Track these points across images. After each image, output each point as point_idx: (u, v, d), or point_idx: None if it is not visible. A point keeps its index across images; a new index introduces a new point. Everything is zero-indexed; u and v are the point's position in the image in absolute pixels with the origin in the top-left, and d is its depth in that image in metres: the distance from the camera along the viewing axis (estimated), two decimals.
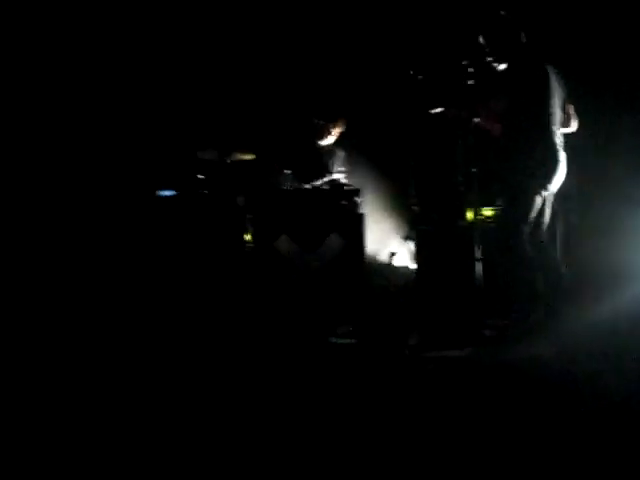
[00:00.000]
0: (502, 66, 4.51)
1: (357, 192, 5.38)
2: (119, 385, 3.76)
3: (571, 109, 4.61)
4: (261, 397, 3.54)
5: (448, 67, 4.88)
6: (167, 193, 5.31)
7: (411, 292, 5.02)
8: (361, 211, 5.36)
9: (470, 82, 4.69)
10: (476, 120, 4.69)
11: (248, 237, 5.21)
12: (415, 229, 5.12)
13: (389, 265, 5.36)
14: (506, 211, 4.59)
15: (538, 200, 4.44)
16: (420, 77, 4.83)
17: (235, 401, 3.48)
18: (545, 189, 4.42)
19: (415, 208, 5.27)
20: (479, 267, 4.61)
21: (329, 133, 5.81)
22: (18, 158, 5.71)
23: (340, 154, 5.96)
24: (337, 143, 5.93)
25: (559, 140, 4.48)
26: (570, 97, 4.58)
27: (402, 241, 5.35)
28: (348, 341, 4.67)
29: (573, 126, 4.63)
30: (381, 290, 5.25)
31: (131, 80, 6.00)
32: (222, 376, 3.92)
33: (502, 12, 4.55)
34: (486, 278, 4.60)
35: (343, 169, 5.77)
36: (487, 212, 4.89)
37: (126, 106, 5.96)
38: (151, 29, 5.95)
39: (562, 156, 4.46)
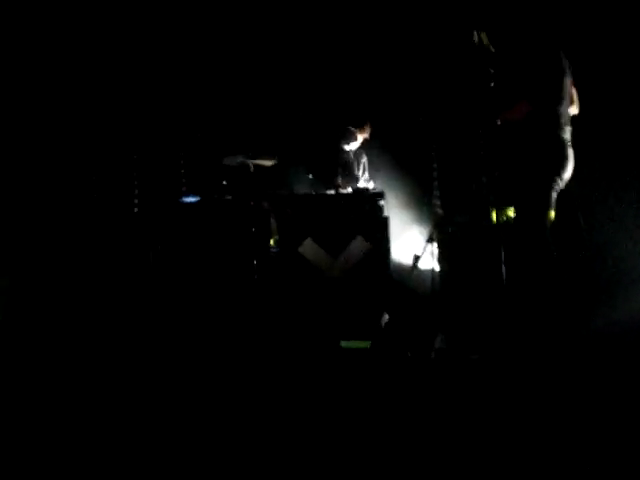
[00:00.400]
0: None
1: (381, 195, 5.37)
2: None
3: (574, 92, 4.52)
4: (282, 401, 3.56)
5: (467, 71, 4.84)
6: (191, 199, 5.36)
7: (436, 295, 4.99)
8: (385, 214, 5.35)
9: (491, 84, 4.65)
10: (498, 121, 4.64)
11: (272, 241, 5.25)
12: (439, 231, 5.09)
13: (413, 268, 5.34)
14: (526, 210, 4.53)
15: (554, 196, 4.39)
16: (440, 81, 4.81)
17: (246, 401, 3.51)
18: (557, 185, 4.37)
19: (439, 210, 5.24)
20: (504, 269, 4.57)
21: (354, 138, 5.81)
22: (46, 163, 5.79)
23: (364, 158, 5.96)
24: (361, 147, 5.92)
25: (568, 135, 4.42)
26: (574, 80, 4.49)
27: (426, 243, 5.32)
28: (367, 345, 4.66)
29: (574, 110, 4.54)
30: (406, 293, 5.22)
31: (155, 88, 6.06)
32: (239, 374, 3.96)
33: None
34: (511, 279, 4.55)
35: (367, 173, 5.77)
36: (512, 212, 4.83)
37: (152, 114, 6.01)
38: (176, 36, 6.00)
39: (571, 152, 4.40)
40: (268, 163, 5.45)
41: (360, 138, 5.85)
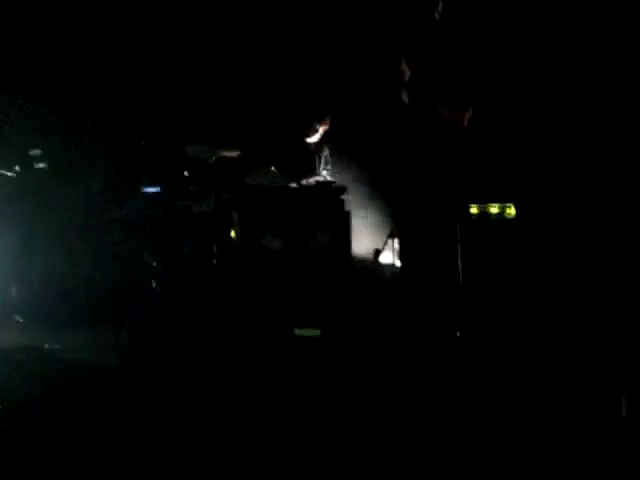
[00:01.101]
0: None
1: (343, 190, 5.39)
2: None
3: None
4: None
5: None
6: (152, 189, 5.30)
7: (396, 289, 5.03)
8: (347, 209, 5.37)
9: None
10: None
11: (232, 233, 5.21)
12: (400, 226, 5.13)
13: (375, 263, 5.37)
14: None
15: None
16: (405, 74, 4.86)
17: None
18: None
19: (401, 205, 5.27)
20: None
21: (315, 131, 5.81)
22: None
23: (326, 152, 5.95)
24: (323, 141, 5.91)
25: None
26: None
27: (387, 238, 5.36)
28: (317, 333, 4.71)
29: None
30: (367, 287, 5.26)
31: (120, 75, 5.97)
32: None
33: None
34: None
35: (329, 167, 5.76)
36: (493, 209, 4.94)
37: (115, 100, 5.93)
38: (143, 25, 5.92)
39: None
40: (231, 154, 5.41)
41: (320, 130, 5.85)
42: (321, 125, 5.80)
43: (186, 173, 5.40)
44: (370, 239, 5.56)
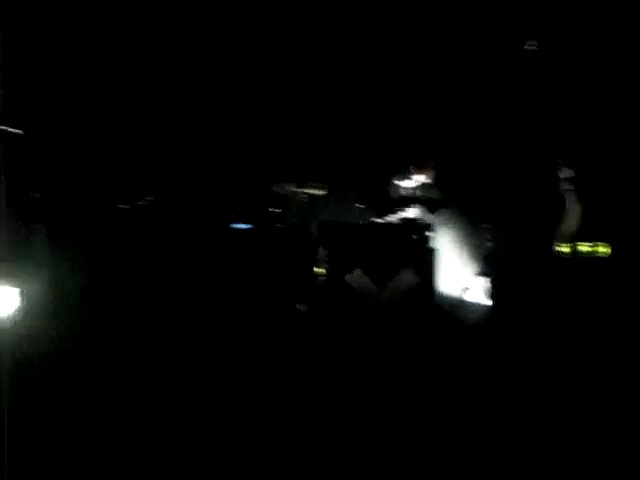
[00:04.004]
0: None
1: (429, 226, 5.36)
2: None
3: None
4: None
5: None
6: (242, 226, 5.39)
7: (486, 329, 4.95)
8: (432, 245, 5.34)
9: None
10: None
11: (321, 270, 5.23)
12: (493, 265, 5.07)
13: (462, 301, 5.31)
14: None
15: None
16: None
17: None
18: None
19: (489, 244, 5.22)
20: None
21: (410, 178, 5.75)
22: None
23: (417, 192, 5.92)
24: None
25: None
26: None
27: (475, 276, 5.29)
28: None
29: None
30: (453, 325, 5.19)
31: (204, 112, 6.10)
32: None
33: None
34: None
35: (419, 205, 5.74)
36: (583, 247, 4.85)
37: (201, 138, 6.05)
38: (225, 60, 6.06)
39: None
40: (318, 192, 5.47)
41: (417, 178, 5.79)
42: (416, 173, 5.71)
43: (274, 210, 5.47)
44: (458, 277, 5.50)
